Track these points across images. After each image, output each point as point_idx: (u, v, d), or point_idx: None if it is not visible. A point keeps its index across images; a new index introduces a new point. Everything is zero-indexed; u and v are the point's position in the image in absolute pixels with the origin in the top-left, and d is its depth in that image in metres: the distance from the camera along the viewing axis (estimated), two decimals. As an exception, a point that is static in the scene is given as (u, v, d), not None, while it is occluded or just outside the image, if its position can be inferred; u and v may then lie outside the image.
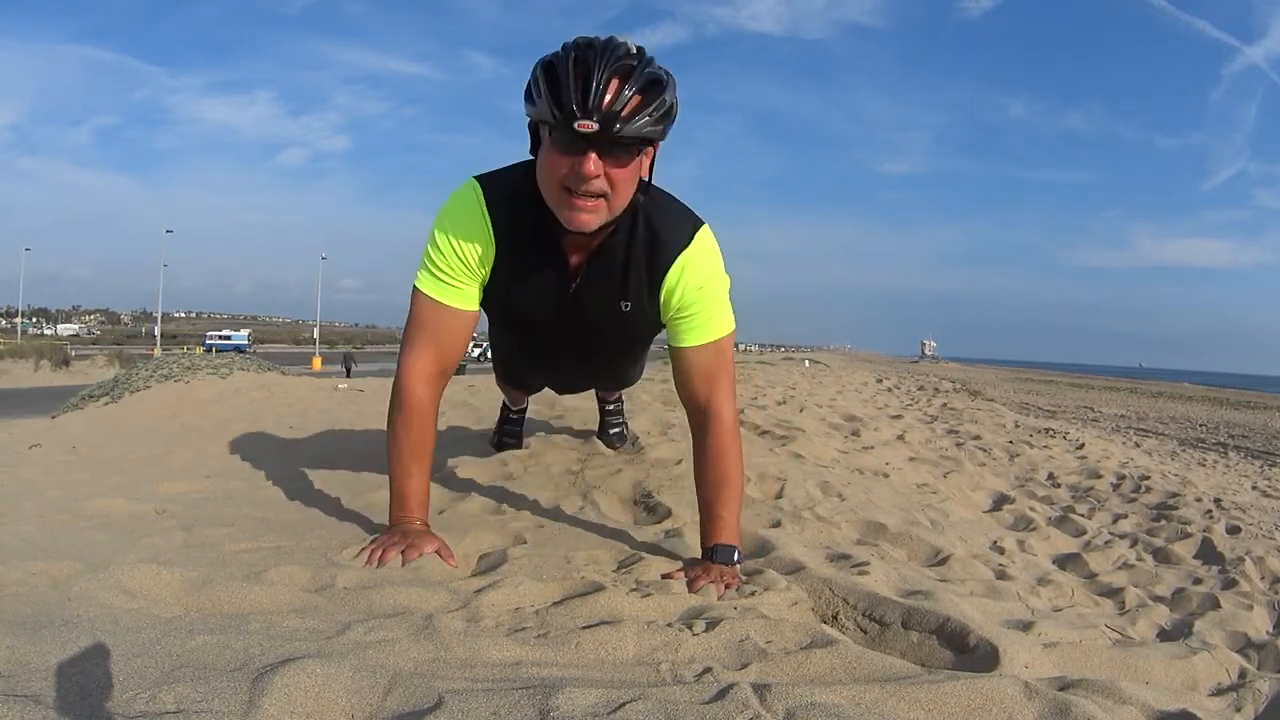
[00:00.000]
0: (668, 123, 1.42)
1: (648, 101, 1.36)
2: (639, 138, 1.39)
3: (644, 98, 1.36)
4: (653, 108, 1.37)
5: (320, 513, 1.99)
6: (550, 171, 1.43)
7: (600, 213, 1.45)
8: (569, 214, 1.45)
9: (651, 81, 1.36)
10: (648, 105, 1.37)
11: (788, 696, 0.94)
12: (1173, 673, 1.41)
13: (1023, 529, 3.17)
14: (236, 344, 44.89)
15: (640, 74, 1.35)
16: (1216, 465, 8.97)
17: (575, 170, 1.38)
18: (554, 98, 1.33)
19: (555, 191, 1.44)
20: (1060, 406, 19.08)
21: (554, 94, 1.33)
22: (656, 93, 1.37)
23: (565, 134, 1.36)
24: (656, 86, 1.37)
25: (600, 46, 1.35)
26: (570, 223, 1.46)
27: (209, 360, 6.94)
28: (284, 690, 0.88)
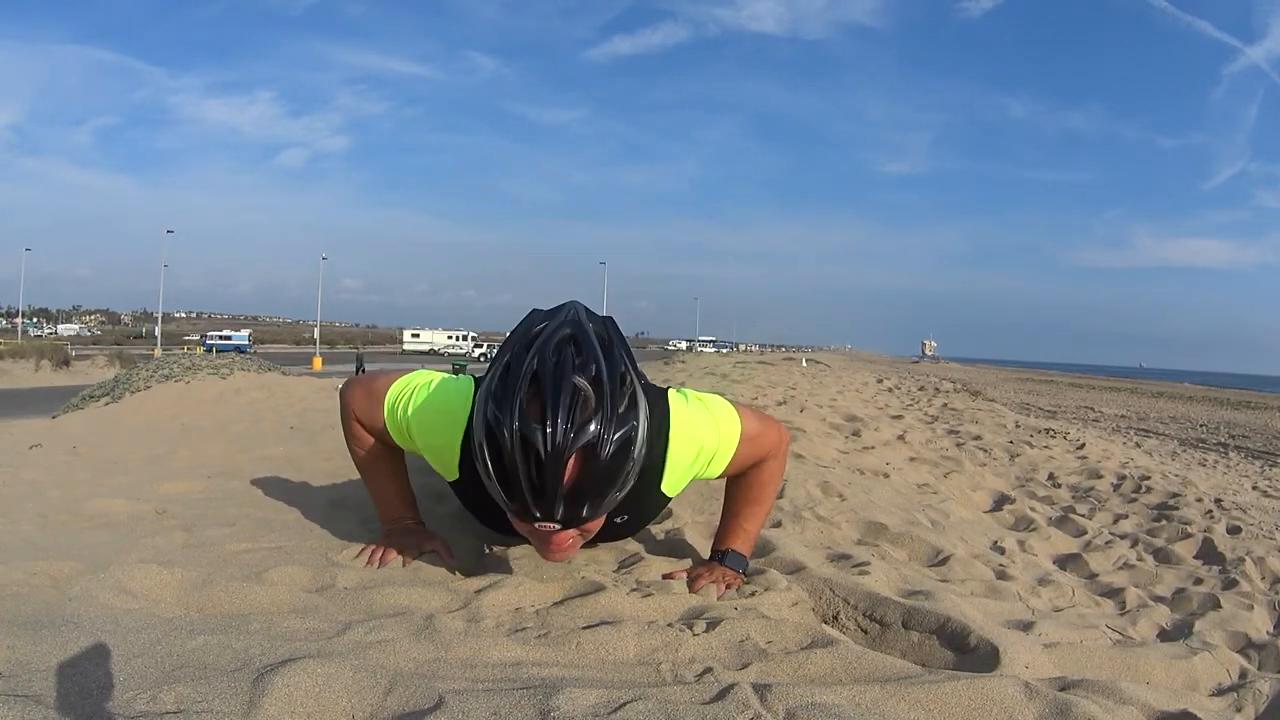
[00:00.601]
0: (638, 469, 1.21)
1: (615, 476, 1.17)
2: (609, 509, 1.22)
3: (611, 475, 1.16)
4: (621, 479, 1.18)
5: (320, 513, 1.99)
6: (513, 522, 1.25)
7: (578, 546, 1.31)
8: (544, 552, 1.30)
9: (619, 449, 1.15)
10: (616, 480, 1.17)
11: (788, 696, 0.94)
12: (1173, 673, 1.41)
13: (1023, 529, 3.17)
14: (237, 344, 44.93)
15: (605, 445, 1.13)
16: (1217, 465, 8.96)
17: (541, 538, 1.24)
18: (504, 488, 1.16)
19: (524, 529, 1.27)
20: (1061, 407, 19.07)
21: (503, 484, 1.15)
22: (624, 460, 1.16)
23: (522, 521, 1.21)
24: (624, 453, 1.16)
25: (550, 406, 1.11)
26: (546, 559, 1.33)
27: (209, 360, 6.94)
28: (285, 690, 0.88)
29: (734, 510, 1.61)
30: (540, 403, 1.12)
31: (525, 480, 1.12)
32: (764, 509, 1.62)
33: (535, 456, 1.11)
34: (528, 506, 1.15)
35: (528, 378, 1.14)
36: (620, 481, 1.18)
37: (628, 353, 1.28)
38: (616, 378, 1.17)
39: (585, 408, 1.13)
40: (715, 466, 1.47)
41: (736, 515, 1.60)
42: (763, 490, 1.59)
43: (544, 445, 1.10)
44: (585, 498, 1.15)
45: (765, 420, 1.56)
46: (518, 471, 1.12)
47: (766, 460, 1.55)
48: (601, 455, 1.13)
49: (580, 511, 1.16)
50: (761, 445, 1.52)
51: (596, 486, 1.15)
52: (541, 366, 1.15)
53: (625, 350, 1.27)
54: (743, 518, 1.60)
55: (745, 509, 1.60)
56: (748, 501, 1.59)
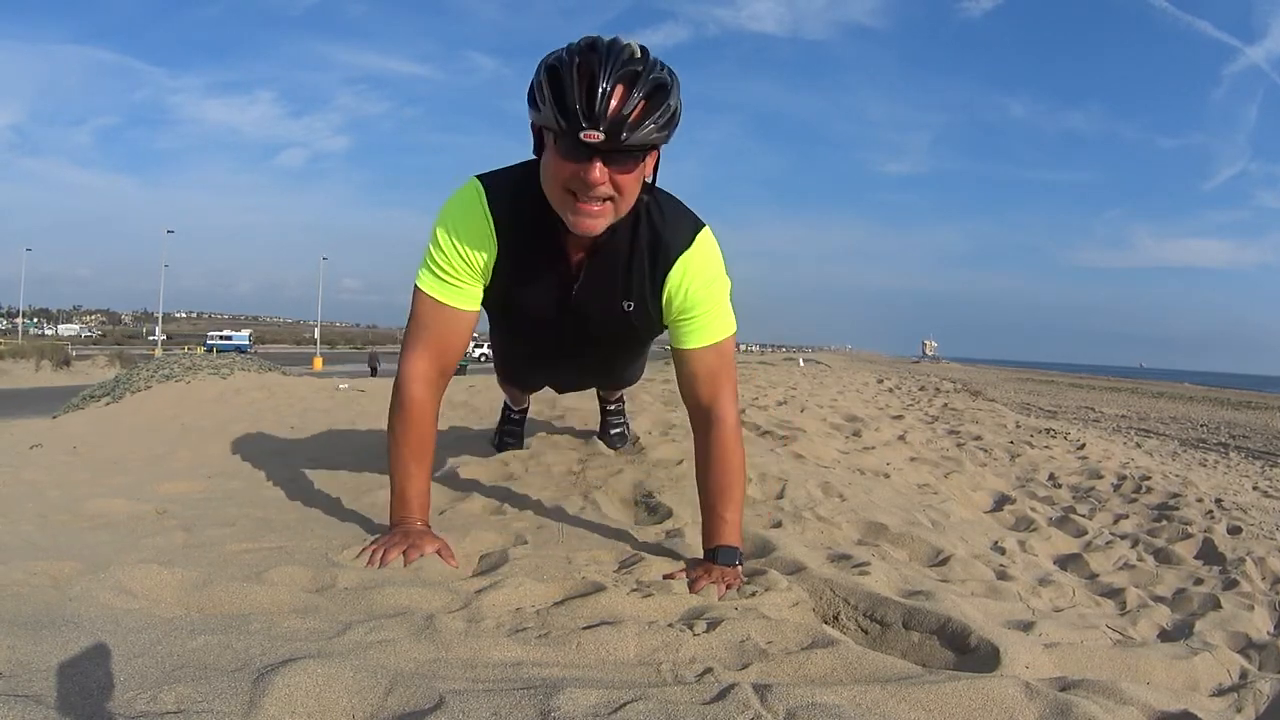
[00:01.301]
0: (673, 127, 1.41)
1: (653, 108, 1.35)
2: (645, 145, 1.39)
3: (649, 104, 1.35)
4: (658, 114, 1.36)
5: (321, 513, 1.99)
6: (555, 176, 1.42)
7: (606, 216, 1.45)
8: (574, 218, 1.44)
9: (657, 87, 1.35)
10: (653, 112, 1.35)
11: (789, 697, 0.94)
12: (1174, 673, 1.41)
13: (1024, 529, 3.17)
14: (237, 344, 44.93)
15: (646, 80, 1.34)
16: (1217, 466, 8.96)
17: (581, 177, 1.38)
18: (559, 105, 1.32)
19: (560, 195, 1.44)
20: (1061, 407, 19.07)
21: (559, 101, 1.32)
22: (661, 98, 1.36)
23: (570, 142, 1.35)
24: (661, 92, 1.36)
25: (604, 50, 1.33)
26: (576, 227, 1.46)
27: (210, 360, 6.94)
28: (285, 690, 0.88)
29: (709, 504, 1.63)
30: (596, 50, 1.33)
31: (579, 96, 1.30)
32: (736, 493, 1.63)
33: (590, 78, 1.30)
34: (578, 120, 1.31)
35: (586, 41, 1.36)
36: (656, 115, 1.36)
37: None
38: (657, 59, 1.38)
39: (633, 56, 1.34)
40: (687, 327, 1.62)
41: (712, 507, 1.62)
42: (727, 469, 1.62)
43: (599, 68, 1.30)
44: (627, 117, 1.32)
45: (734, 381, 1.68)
46: (573, 90, 1.30)
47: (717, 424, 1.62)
48: (643, 85, 1.33)
49: (622, 130, 1.33)
50: (722, 373, 1.64)
51: (638, 109, 1.33)
52: (596, 37, 1.37)
53: None
54: (719, 507, 1.61)
55: (718, 497, 1.61)
56: (717, 487, 1.62)
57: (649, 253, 1.58)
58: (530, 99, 1.39)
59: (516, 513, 2.02)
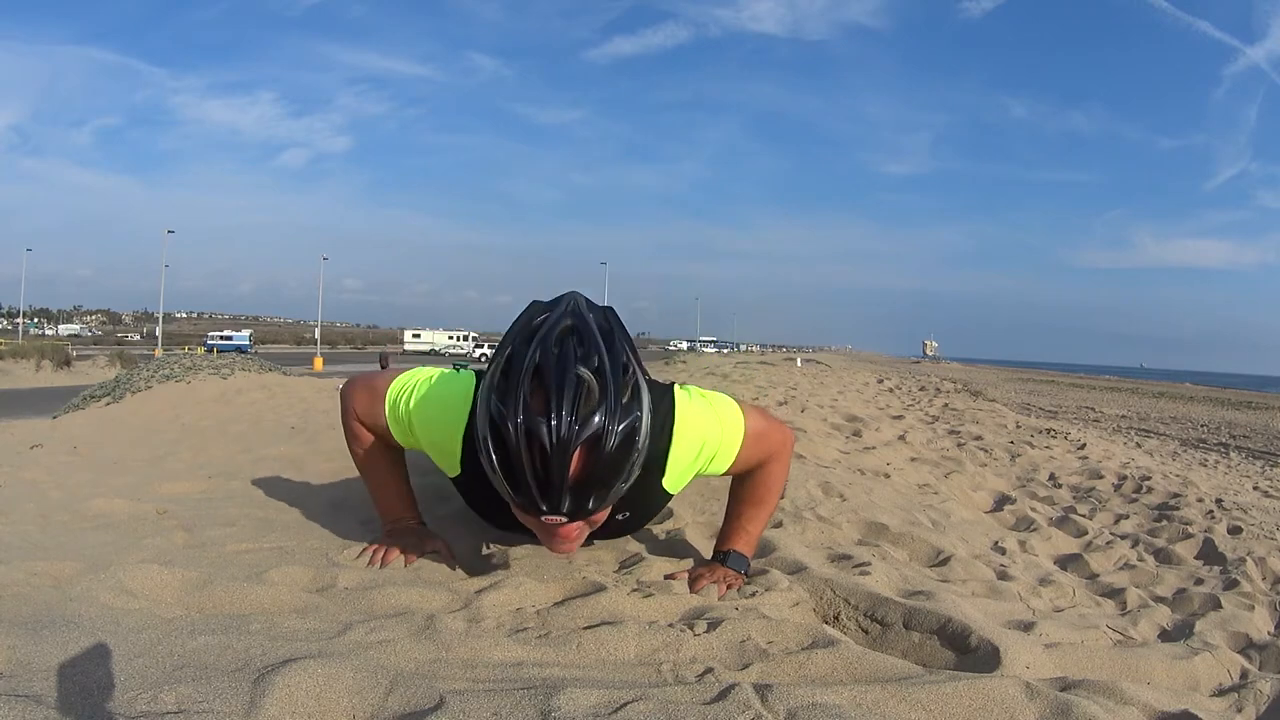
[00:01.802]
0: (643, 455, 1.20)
1: (620, 467, 1.16)
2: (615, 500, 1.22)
3: (616, 466, 1.15)
4: (626, 470, 1.17)
5: (321, 513, 1.99)
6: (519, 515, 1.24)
7: (583, 536, 1.29)
8: (549, 546, 1.30)
9: (624, 441, 1.14)
10: (621, 471, 1.16)
11: (789, 697, 0.94)
12: (1174, 673, 1.41)
13: (1024, 529, 3.17)
14: (238, 344, 44.94)
15: (610, 437, 1.12)
16: (1218, 466, 8.95)
17: (547, 531, 1.24)
18: (509, 481, 1.14)
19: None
20: (1062, 407, 19.06)
21: (508, 477, 1.14)
22: (629, 451, 1.16)
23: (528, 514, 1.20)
24: (628, 444, 1.15)
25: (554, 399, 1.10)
26: (552, 550, 1.31)
27: (210, 361, 6.94)
28: (285, 690, 0.88)
29: (737, 511, 1.61)
30: (544, 395, 1.11)
31: (531, 474, 1.12)
32: (767, 511, 1.62)
33: (540, 450, 1.10)
34: (534, 500, 1.14)
35: (530, 371, 1.13)
36: (625, 473, 1.17)
37: (630, 343, 1.27)
38: (619, 368, 1.17)
39: (589, 400, 1.12)
40: (719, 464, 1.47)
41: (739, 516, 1.60)
42: (766, 492, 1.58)
43: (549, 438, 1.09)
44: (591, 489, 1.14)
45: (770, 420, 1.55)
46: (523, 465, 1.11)
47: (770, 461, 1.55)
48: (607, 447, 1.12)
49: (586, 504, 1.16)
50: (765, 445, 1.51)
51: (602, 478, 1.14)
52: (544, 359, 1.14)
53: (627, 341, 1.27)
54: (745, 519, 1.60)
55: (748, 510, 1.60)
56: (751, 503, 1.59)
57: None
58: (476, 445, 1.19)
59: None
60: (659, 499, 1.51)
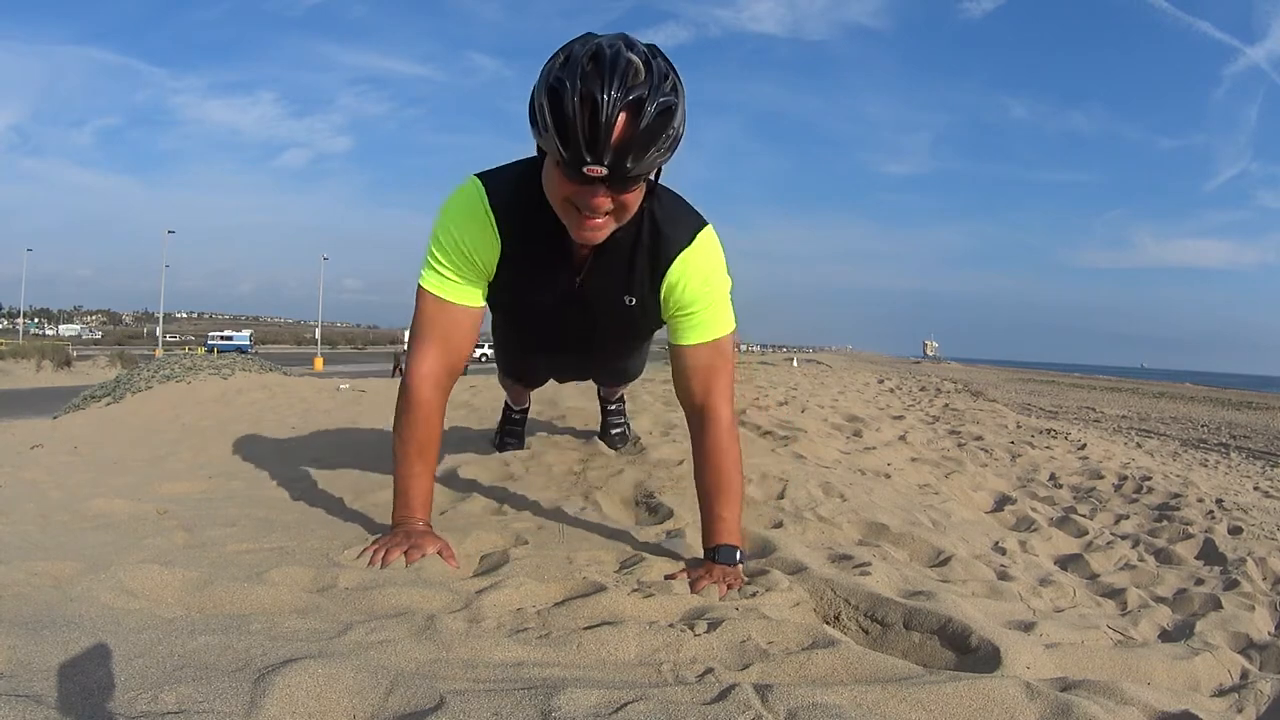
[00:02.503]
0: (677, 147, 1.39)
1: (657, 134, 1.31)
2: (649, 170, 1.37)
3: (653, 132, 1.31)
4: (662, 140, 1.33)
5: (322, 513, 1.99)
6: (556, 190, 1.41)
7: (608, 228, 1.46)
8: (576, 231, 1.45)
9: (662, 112, 1.30)
10: (657, 138, 1.32)
11: (789, 697, 0.94)
12: (1175, 673, 1.41)
13: (1025, 529, 3.17)
14: (238, 344, 44.94)
15: (651, 105, 1.29)
16: (1218, 466, 8.95)
17: (583, 198, 1.38)
18: (560, 136, 1.29)
19: (562, 206, 1.43)
20: (1062, 407, 19.05)
21: (560, 132, 1.29)
22: (665, 124, 1.32)
23: (573, 170, 1.33)
24: (666, 116, 1.31)
25: (606, 72, 1.27)
26: (578, 238, 1.47)
27: (211, 361, 6.95)
28: (286, 691, 0.88)
29: (706, 504, 1.63)
30: (599, 71, 1.27)
31: (581, 127, 1.27)
32: (733, 492, 1.63)
33: (592, 107, 1.26)
34: (581, 153, 1.29)
35: (590, 53, 1.29)
36: (659, 143, 1.32)
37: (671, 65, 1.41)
38: (663, 63, 1.33)
39: (636, 76, 1.29)
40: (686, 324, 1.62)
41: (710, 507, 1.62)
42: (723, 468, 1.62)
43: (601, 95, 1.25)
44: (630, 150, 1.30)
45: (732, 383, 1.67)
46: (575, 123, 1.27)
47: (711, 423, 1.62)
48: (647, 112, 1.28)
49: (625, 162, 1.30)
50: (716, 375, 1.64)
51: (640, 141, 1.30)
52: (599, 48, 1.30)
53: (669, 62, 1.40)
54: (717, 506, 1.61)
55: (715, 496, 1.62)
56: (714, 486, 1.62)
57: (650, 249, 1.58)
58: (531, 116, 1.36)
59: (517, 513, 2.02)
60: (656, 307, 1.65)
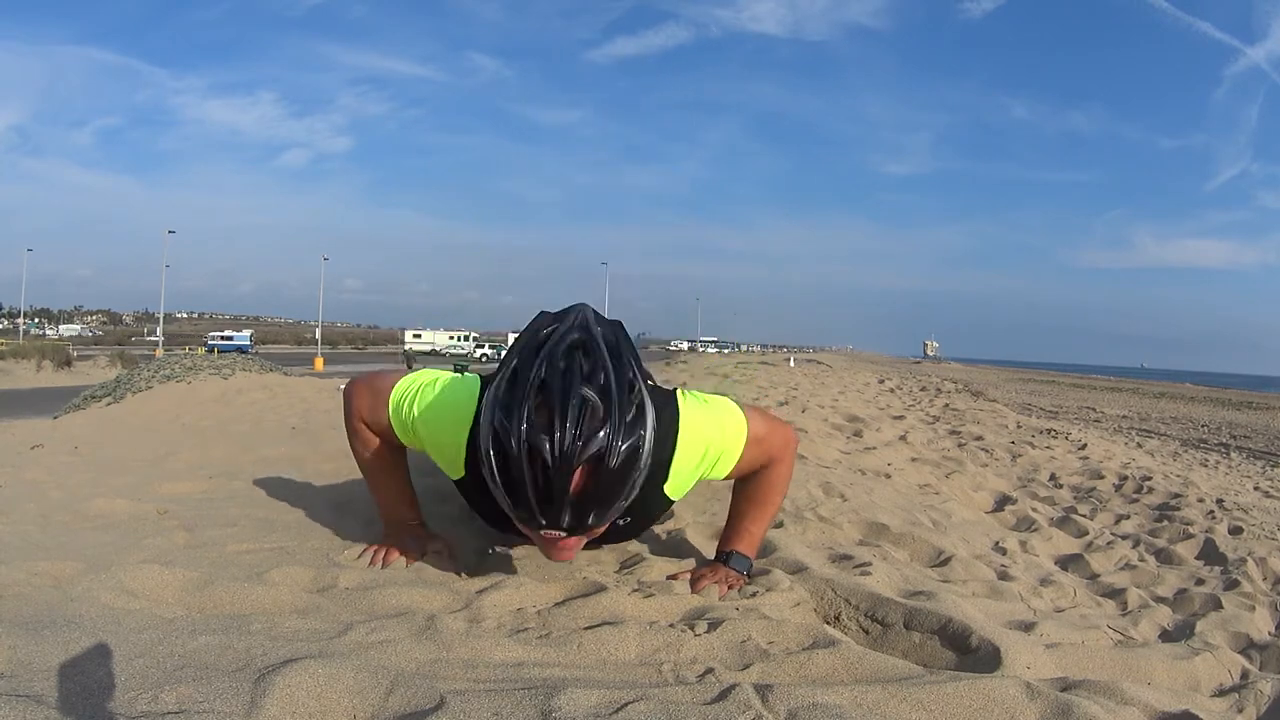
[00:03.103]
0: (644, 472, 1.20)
1: (622, 484, 1.15)
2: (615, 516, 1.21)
3: (618, 482, 1.14)
4: (628, 488, 1.17)
5: (323, 513, 1.99)
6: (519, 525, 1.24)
7: (581, 545, 1.30)
8: (547, 555, 1.30)
9: (625, 460, 1.13)
10: (623, 489, 1.16)
11: (790, 697, 0.94)
12: (1175, 673, 1.41)
13: (1025, 530, 3.17)
14: (239, 345, 44.96)
15: (613, 457, 1.12)
16: (1219, 466, 8.95)
17: (546, 543, 1.24)
18: (510, 496, 1.15)
19: None
20: (1062, 407, 19.05)
21: (509, 491, 1.14)
22: (630, 468, 1.15)
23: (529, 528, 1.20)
24: (631, 461, 1.14)
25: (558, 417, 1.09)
26: (550, 558, 1.31)
27: (211, 361, 6.95)
28: (286, 690, 0.88)
29: (739, 512, 1.61)
30: (548, 411, 1.10)
31: (532, 489, 1.12)
32: (769, 512, 1.61)
33: (543, 465, 1.10)
34: (534, 514, 1.14)
35: (536, 385, 1.13)
36: (626, 490, 1.16)
37: (636, 358, 1.26)
38: (624, 386, 1.16)
39: (593, 418, 1.11)
40: (721, 468, 1.46)
41: (742, 517, 1.60)
42: (769, 493, 1.58)
43: (551, 454, 1.09)
44: (591, 506, 1.14)
45: (773, 422, 1.54)
46: (524, 480, 1.11)
47: (773, 463, 1.54)
48: (609, 465, 1.12)
49: (586, 519, 1.15)
50: (768, 447, 1.50)
51: (603, 495, 1.14)
52: (550, 374, 1.13)
53: (633, 356, 1.26)
54: (748, 520, 1.59)
55: (751, 511, 1.59)
56: (754, 504, 1.59)
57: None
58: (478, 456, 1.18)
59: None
60: (660, 505, 1.51)
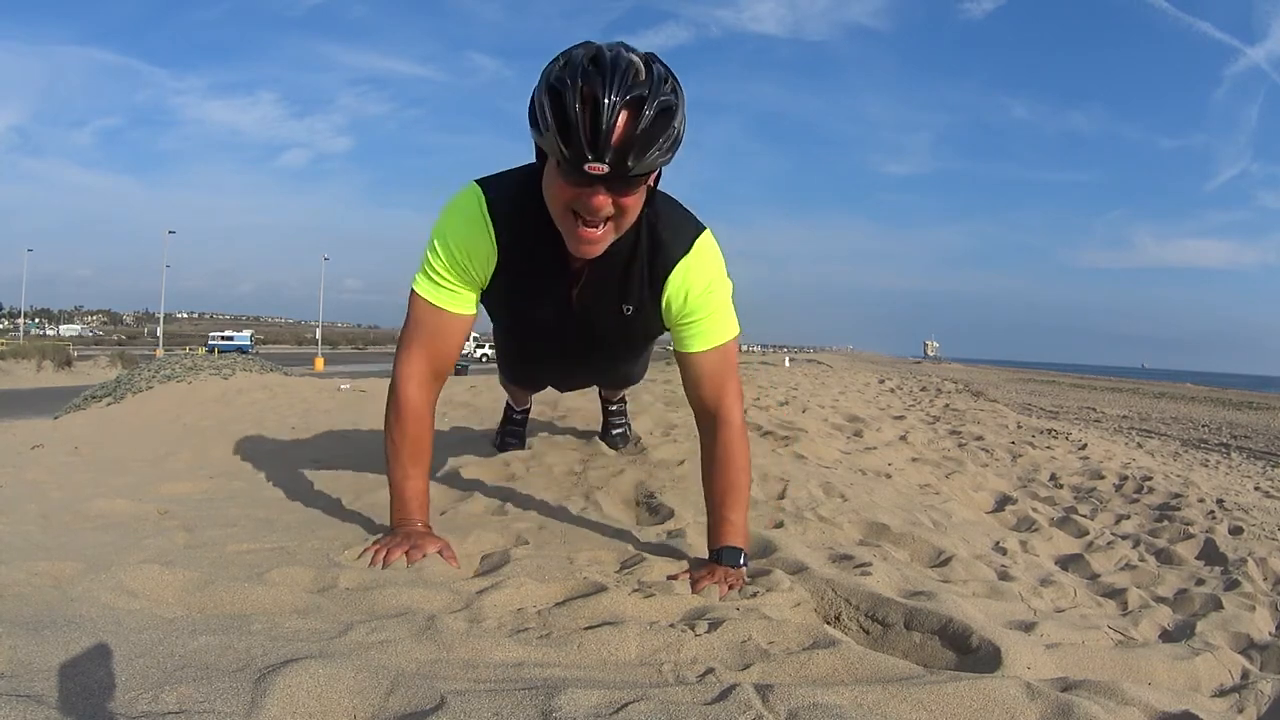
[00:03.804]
0: (677, 148, 1.39)
1: (658, 134, 1.32)
2: (649, 170, 1.37)
3: (654, 131, 1.31)
4: (662, 140, 1.33)
5: (323, 513, 1.99)
6: (557, 195, 1.41)
7: (607, 238, 1.45)
8: (575, 243, 1.45)
9: (662, 111, 1.31)
10: (658, 138, 1.32)
11: (790, 697, 0.94)
12: (1175, 674, 1.41)
13: (1025, 530, 3.17)
14: (239, 345, 44.96)
15: (651, 104, 1.30)
16: (1219, 466, 8.95)
17: (584, 201, 1.37)
18: (562, 134, 1.29)
19: (561, 213, 1.43)
20: (1063, 407, 19.04)
21: (562, 130, 1.29)
22: (666, 123, 1.32)
23: (574, 169, 1.33)
24: (666, 116, 1.32)
25: (608, 70, 1.28)
26: (576, 251, 1.46)
27: (211, 361, 6.95)
28: (286, 691, 0.88)
29: (713, 505, 1.64)
30: (600, 71, 1.28)
31: (583, 126, 1.27)
32: (741, 494, 1.63)
33: (594, 105, 1.27)
34: (582, 150, 1.29)
35: (590, 53, 1.31)
36: (660, 142, 1.33)
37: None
38: (663, 68, 1.35)
39: (637, 75, 1.30)
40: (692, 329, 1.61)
41: (718, 508, 1.63)
42: (732, 472, 1.62)
43: (603, 94, 1.26)
44: (631, 148, 1.30)
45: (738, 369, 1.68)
46: (577, 119, 1.27)
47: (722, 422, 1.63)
48: (647, 111, 1.29)
49: (626, 161, 1.31)
50: (725, 374, 1.63)
51: (641, 140, 1.30)
52: (600, 50, 1.32)
53: None
54: (724, 508, 1.61)
55: (723, 498, 1.62)
56: (722, 488, 1.62)
57: (649, 258, 1.57)
58: (531, 118, 1.36)
59: (518, 513, 2.02)
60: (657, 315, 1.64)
